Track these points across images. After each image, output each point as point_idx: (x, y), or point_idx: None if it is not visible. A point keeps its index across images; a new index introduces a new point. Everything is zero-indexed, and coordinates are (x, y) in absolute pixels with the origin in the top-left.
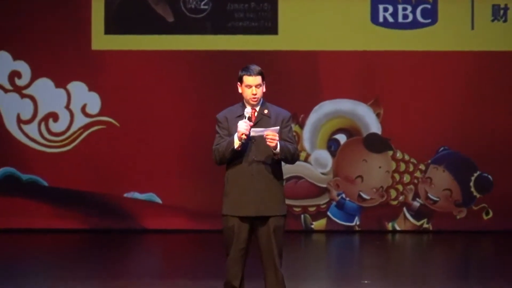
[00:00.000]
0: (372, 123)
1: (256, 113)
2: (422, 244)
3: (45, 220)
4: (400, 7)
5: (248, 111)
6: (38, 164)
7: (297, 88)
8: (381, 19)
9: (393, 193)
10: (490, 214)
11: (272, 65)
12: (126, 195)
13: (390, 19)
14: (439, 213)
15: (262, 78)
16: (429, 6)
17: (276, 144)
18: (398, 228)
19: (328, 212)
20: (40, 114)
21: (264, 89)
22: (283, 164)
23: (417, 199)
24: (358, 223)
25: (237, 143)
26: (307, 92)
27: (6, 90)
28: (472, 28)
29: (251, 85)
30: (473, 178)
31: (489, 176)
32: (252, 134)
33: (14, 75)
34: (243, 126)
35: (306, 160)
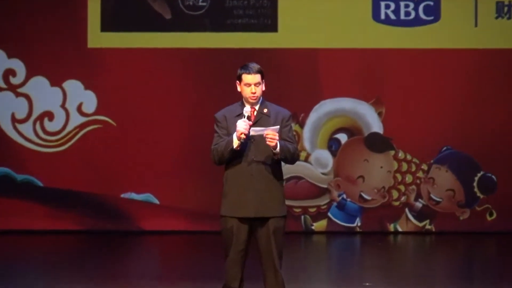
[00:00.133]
0: (373, 122)
1: (255, 112)
2: (424, 245)
3: (40, 221)
4: (402, 4)
5: (247, 110)
6: (33, 164)
7: (298, 86)
8: (382, 16)
9: (395, 194)
10: (494, 215)
11: (271, 63)
12: (123, 195)
13: (392, 16)
14: (442, 214)
15: (262, 76)
16: (431, 3)
17: (276, 143)
18: (400, 229)
19: (328, 213)
20: (35, 113)
21: (263, 88)
22: (283, 164)
23: (420, 199)
24: (359, 224)
25: (236, 142)
26: (308, 91)
27: (0, 89)
28: (475, 25)
29: (250, 83)
30: (476, 179)
31: (493, 176)
32: (251, 133)
33: (9, 73)
34: (242, 125)
35: (306, 160)
